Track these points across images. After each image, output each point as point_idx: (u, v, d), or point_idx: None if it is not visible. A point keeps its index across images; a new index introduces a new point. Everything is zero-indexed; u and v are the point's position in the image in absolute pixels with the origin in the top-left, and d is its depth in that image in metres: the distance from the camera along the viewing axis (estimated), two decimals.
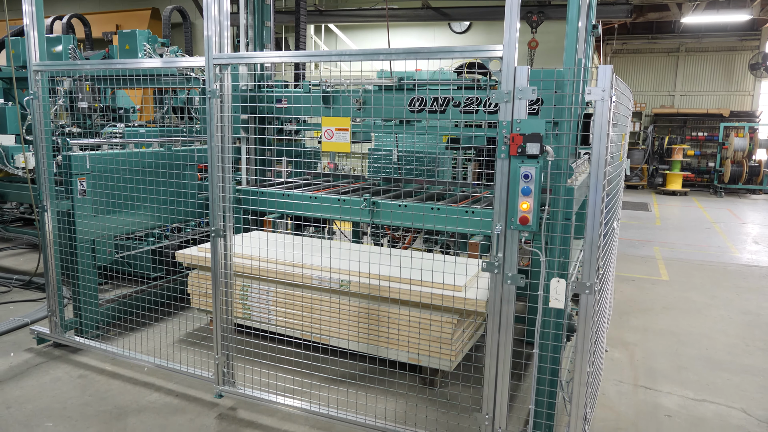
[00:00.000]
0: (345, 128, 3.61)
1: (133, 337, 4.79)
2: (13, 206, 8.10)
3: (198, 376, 3.97)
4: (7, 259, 7.50)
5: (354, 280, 4.08)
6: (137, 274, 6.05)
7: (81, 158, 4.71)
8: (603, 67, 2.48)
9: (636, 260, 8.48)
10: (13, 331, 5.03)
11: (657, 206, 14.65)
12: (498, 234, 2.81)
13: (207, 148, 3.62)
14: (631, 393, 4.24)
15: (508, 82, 2.71)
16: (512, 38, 2.71)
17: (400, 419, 3.55)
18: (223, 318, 3.74)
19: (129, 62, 4.10)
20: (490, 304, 2.93)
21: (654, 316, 5.95)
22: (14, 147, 6.13)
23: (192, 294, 4.87)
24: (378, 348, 4.13)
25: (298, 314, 4.35)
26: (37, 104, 4.42)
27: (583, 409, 2.77)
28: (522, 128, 2.66)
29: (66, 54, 7.96)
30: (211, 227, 3.67)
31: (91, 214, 4.77)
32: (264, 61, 3.72)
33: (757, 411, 4.03)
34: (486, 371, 2.99)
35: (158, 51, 7.90)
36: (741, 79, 18.70)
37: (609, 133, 2.53)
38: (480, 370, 3.11)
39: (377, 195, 4.58)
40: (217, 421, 3.69)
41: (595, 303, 2.70)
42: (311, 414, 3.56)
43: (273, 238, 4.73)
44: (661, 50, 19.55)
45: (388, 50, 3.09)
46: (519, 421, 3.65)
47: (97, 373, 4.28)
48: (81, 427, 3.57)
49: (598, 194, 2.55)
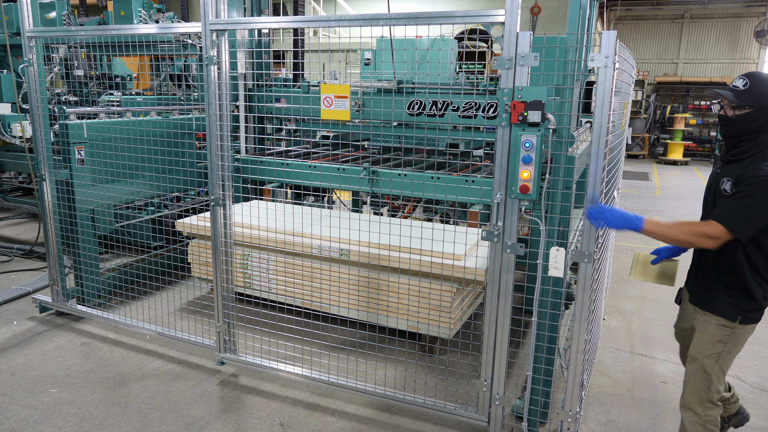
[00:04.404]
0: (344, 95, 3.56)
1: (135, 305, 4.83)
2: (12, 176, 8.07)
3: (199, 343, 4.01)
4: (7, 228, 7.51)
5: (354, 249, 4.09)
6: (137, 243, 6.06)
7: (78, 127, 4.67)
8: (606, 33, 2.43)
9: None
10: (16, 300, 5.06)
11: (657, 176, 14.62)
12: (498, 203, 2.80)
13: (205, 116, 3.59)
14: (627, 360, 4.30)
15: (510, 48, 2.67)
16: (514, 3, 2.66)
17: (400, 386, 3.60)
18: (223, 286, 3.76)
19: (124, 28, 4.04)
20: (489, 273, 2.95)
21: (651, 285, 5.99)
22: (10, 116, 6.06)
23: (192, 263, 4.89)
24: (378, 316, 4.17)
25: (298, 283, 4.38)
26: (32, 72, 4.36)
27: (580, 376, 2.80)
28: (524, 95, 2.62)
29: (60, 20, 7.82)
30: (210, 196, 3.66)
31: (90, 183, 4.76)
32: (262, 26, 3.65)
33: (750, 377, 4.09)
34: (485, 339, 3.02)
35: (154, 17, 7.77)
36: (746, 46, 18.42)
37: (611, 101, 2.50)
38: (479, 337, 3.15)
39: (377, 164, 4.56)
40: (219, 388, 3.74)
41: (593, 272, 2.71)
42: (312, 380, 3.61)
43: (273, 207, 4.72)
44: (665, 17, 19.21)
45: (388, 15, 3.03)
46: (517, 387, 3.71)
47: (100, 341, 4.33)
48: (85, 393, 3.63)
49: (599, 163, 2.53)
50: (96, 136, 4.78)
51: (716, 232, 2.42)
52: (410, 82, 5.10)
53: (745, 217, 2.40)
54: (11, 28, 7.02)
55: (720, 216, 2.44)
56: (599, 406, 3.64)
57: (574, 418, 2.85)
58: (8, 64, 7.05)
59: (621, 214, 2.53)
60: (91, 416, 3.39)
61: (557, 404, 3.31)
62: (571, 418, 2.86)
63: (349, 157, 4.90)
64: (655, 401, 3.73)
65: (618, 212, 2.54)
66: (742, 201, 2.42)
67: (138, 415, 3.41)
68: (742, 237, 2.42)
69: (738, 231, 2.40)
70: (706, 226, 2.45)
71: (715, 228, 2.43)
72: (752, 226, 2.42)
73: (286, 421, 3.39)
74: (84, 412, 3.43)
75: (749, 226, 2.42)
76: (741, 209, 2.41)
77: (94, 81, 8.30)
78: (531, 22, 13.16)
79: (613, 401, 3.71)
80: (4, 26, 6.85)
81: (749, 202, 2.40)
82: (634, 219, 2.50)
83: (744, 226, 2.41)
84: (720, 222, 2.42)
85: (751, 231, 2.43)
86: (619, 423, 3.47)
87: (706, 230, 2.44)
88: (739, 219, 2.40)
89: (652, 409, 3.64)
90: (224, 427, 3.33)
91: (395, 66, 5.40)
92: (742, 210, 2.41)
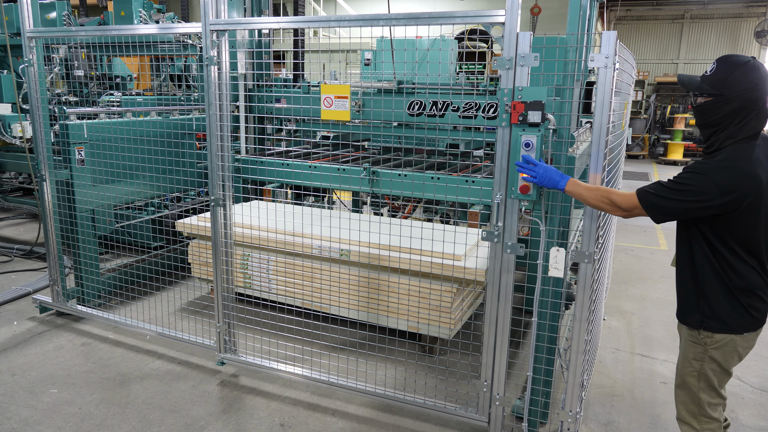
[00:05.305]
0: (344, 96, 3.56)
1: (135, 305, 4.83)
2: (12, 176, 8.07)
3: (200, 343, 4.01)
4: (7, 228, 7.51)
5: (354, 249, 4.09)
6: (137, 243, 6.06)
7: (78, 127, 4.67)
8: (607, 33, 2.43)
9: (635, 230, 8.49)
10: (16, 300, 5.07)
11: (657, 176, 14.62)
12: (498, 203, 2.80)
13: (205, 116, 3.59)
14: (627, 360, 4.30)
15: (510, 49, 2.67)
16: (515, 3, 2.66)
17: (400, 386, 3.60)
18: (224, 287, 3.76)
19: (125, 28, 4.04)
20: (489, 273, 2.95)
21: (652, 285, 5.99)
22: (11, 116, 6.07)
23: (193, 263, 4.89)
24: (378, 316, 4.17)
25: (298, 283, 4.37)
26: (32, 72, 4.36)
27: (581, 376, 2.80)
28: (524, 96, 2.62)
29: (60, 20, 7.82)
30: (210, 196, 3.66)
31: (90, 184, 4.76)
32: (262, 26, 3.65)
33: (751, 378, 4.09)
34: (485, 339, 3.02)
35: (154, 17, 7.77)
36: (746, 46, 18.40)
37: (611, 101, 2.50)
38: (479, 338, 3.15)
39: (377, 164, 4.56)
40: (220, 388, 3.74)
41: (594, 272, 2.71)
42: (312, 381, 3.61)
43: (273, 207, 4.72)
44: (665, 17, 19.21)
45: (388, 15, 3.03)
46: (517, 388, 3.71)
47: (100, 341, 4.33)
48: (85, 393, 3.63)
49: (599, 163, 2.53)
50: (96, 137, 4.78)
51: (627, 203, 2.30)
52: (410, 82, 5.11)
53: (664, 200, 2.23)
54: (11, 29, 7.03)
55: (642, 190, 2.28)
56: (599, 407, 3.64)
57: (575, 419, 2.85)
58: (8, 64, 7.06)
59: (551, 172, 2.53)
60: (91, 416, 3.39)
61: (557, 404, 3.31)
62: (571, 419, 2.86)
63: (349, 158, 4.91)
64: (655, 401, 3.73)
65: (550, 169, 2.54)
66: (670, 184, 2.23)
67: (138, 416, 3.41)
68: (653, 217, 2.28)
69: (650, 210, 2.26)
70: (620, 195, 2.33)
71: (628, 199, 2.30)
72: (666, 212, 2.25)
73: (287, 422, 3.39)
74: (84, 412, 3.43)
75: (664, 211, 2.25)
76: (664, 191, 2.23)
77: (94, 81, 8.29)
78: (531, 23, 13.16)
79: (614, 401, 3.71)
80: (5, 26, 6.86)
81: (677, 187, 2.21)
82: (559, 179, 2.49)
83: (659, 208, 2.25)
84: (638, 195, 2.27)
85: (663, 215, 2.26)
86: (619, 423, 3.47)
87: (617, 199, 2.33)
88: (657, 200, 2.24)
89: (653, 410, 3.63)
90: (224, 427, 3.32)
91: (395, 66, 5.40)
92: (665, 192, 2.23)
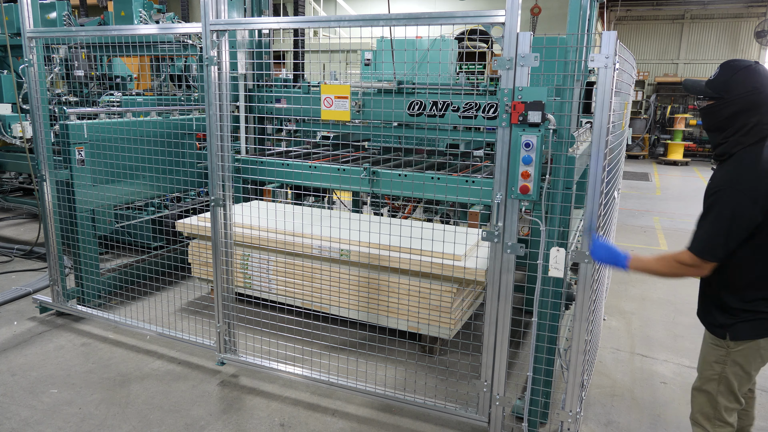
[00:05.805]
0: (345, 96, 3.56)
1: (135, 306, 4.83)
2: (12, 176, 8.07)
3: (200, 344, 4.01)
4: (7, 229, 7.51)
5: (354, 250, 4.09)
6: (138, 243, 6.07)
7: (78, 127, 4.67)
8: (607, 33, 2.43)
9: (635, 230, 8.49)
10: (16, 300, 5.07)
11: (657, 176, 14.62)
12: (498, 203, 2.80)
13: (205, 116, 3.59)
14: (627, 360, 4.30)
15: (510, 49, 2.67)
16: (515, 3, 2.66)
17: (400, 386, 3.60)
18: (224, 287, 3.76)
19: (125, 29, 4.05)
20: (489, 273, 2.95)
21: (652, 286, 5.99)
22: (11, 116, 6.07)
23: (193, 263, 4.89)
24: (378, 316, 4.17)
25: (298, 283, 4.38)
26: (32, 72, 4.36)
27: (581, 377, 2.80)
28: (524, 96, 2.62)
29: (60, 20, 7.82)
30: (210, 197, 3.66)
31: (90, 184, 4.76)
32: (262, 26, 3.65)
33: None
34: (485, 339, 3.02)
35: (154, 17, 7.77)
36: (746, 47, 18.42)
37: (611, 101, 2.50)
38: (479, 338, 3.15)
39: (377, 164, 4.56)
40: (220, 388, 3.74)
41: (594, 272, 2.71)
42: (312, 381, 3.61)
43: (273, 207, 4.72)
44: (665, 17, 19.22)
45: (388, 16, 3.03)
46: (517, 388, 3.71)
47: (100, 341, 4.33)
48: (85, 393, 3.63)
49: (599, 163, 2.53)
50: (96, 137, 4.78)
51: (691, 260, 2.29)
52: (410, 82, 5.11)
53: (709, 238, 2.25)
54: (11, 29, 7.03)
55: (689, 242, 2.30)
56: (599, 407, 3.64)
57: (575, 419, 2.85)
58: (9, 64, 7.06)
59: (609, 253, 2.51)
60: (91, 416, 3.39)
61: (557, 404, 3.31)
62: (571, 419, 2.86)
63: (350, 158, 4.91)
64: (655, 402, 3.73)
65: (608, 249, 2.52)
66: (703, 221, 2.28)
67: (138, 416, 3.41)
68: (714, 259, 2.27)
69: (706, 255, 2.26)
70: (681, 255, 2.32)
71: (687, 256, 2.30)
72: (719, 246, 2.24)
73: (287, 422, 3.39)
74: (84, 412, 3.43)
75: (717, 247, 2.25)
76: (701, 231, 2.27)
77: (94, 81, 8.30)
78: (531, 23, 13.17)
79: (614, 402, 3.71)
80: (5, 26, 6.86)
81: (708, 219, 2.25)
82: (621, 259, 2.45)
83: (710, 249, 2.25)
84: (689, 249, 2.29)
85: (720, 250, 2.25)
86: (619, 423, 3.47)
87: (683, 258, 2.31)
88: (703, 243, 2.26)
89: (653, 410, 3.63)
90: (224, 427, 3.32)
91: (395, 66, 5.40)
92: (703, 232, 2.26)
